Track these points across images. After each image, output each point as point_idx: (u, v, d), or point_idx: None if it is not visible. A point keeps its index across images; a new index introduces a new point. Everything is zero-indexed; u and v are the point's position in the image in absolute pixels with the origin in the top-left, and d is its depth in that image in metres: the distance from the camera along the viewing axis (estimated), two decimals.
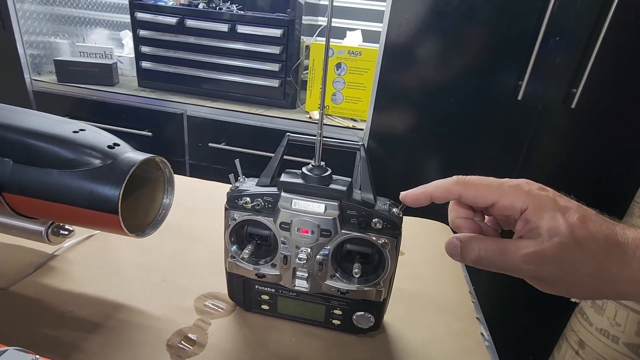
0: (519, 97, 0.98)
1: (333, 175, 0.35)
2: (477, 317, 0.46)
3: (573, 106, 0.95)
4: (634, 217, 0.89)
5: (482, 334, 0.43)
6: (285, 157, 0.36)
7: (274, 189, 0.34)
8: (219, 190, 0.71)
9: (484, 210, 0.29)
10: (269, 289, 0.37)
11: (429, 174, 1.13)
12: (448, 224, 0.52)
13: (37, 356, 0.24)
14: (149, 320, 0.39)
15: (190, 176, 1.32)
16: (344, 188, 0.34)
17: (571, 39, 0.93)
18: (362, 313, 0.36)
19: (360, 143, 0.36)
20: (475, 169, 1.10)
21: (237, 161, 0.36)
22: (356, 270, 0.33)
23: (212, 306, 0.43)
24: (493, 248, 0.26)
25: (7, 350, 0.24)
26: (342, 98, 1.27)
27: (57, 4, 1.43)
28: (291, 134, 0.36)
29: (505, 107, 1.02)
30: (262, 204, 0.34)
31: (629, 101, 0.95)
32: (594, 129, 0.99)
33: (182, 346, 0.37)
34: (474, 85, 1.02)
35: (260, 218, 0.34)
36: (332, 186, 0.34)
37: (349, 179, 0.35)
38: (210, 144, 1.27)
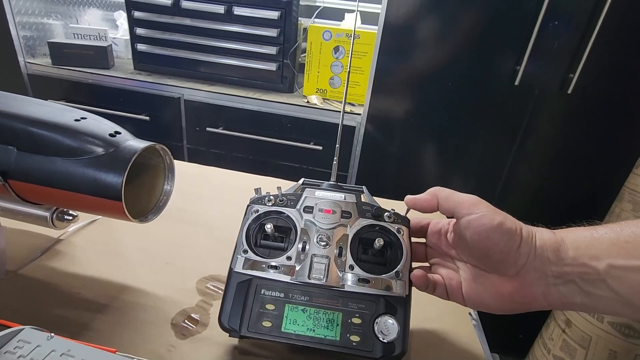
0: (516, 82, 0.98)
1: None
2: None
3: (569, 91, 0.96)
4: (623, 201, 0.92)
5: (470, 313, 0.45)
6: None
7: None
8: (217, 176, 0.73)
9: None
10: (277, 293, 0.33)
11: (425, 158, 1.15)
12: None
13: (52, 334, 0.26)
14: (154, 301, 0.41)
15: (189, 160, 1.33)
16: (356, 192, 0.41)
17: (570, 23, 0.93)
18: (385, 317, 0.33)
19: (362, 186, 0.43)
20: (471, 154, 1.11)
21: (259, 188, 0.40)
22: (377, 244, 0.35)
23: (213, 288, 0.44)
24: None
25: (23, 329, 0.26)
26: (340, 82, 1.27)
27: None
28: (306, 179, 0.43)
29: (503, 92, 1.02)
30: (286, 201, 0.38)
31: (624, 87, 0.95)
32: (590, 115, 1.00)
33: (185, 325, 0.39)
34: (471, 69, 1.02)
35: (282, 208, 0.38)
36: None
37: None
38: (208, 129, 1.27)
